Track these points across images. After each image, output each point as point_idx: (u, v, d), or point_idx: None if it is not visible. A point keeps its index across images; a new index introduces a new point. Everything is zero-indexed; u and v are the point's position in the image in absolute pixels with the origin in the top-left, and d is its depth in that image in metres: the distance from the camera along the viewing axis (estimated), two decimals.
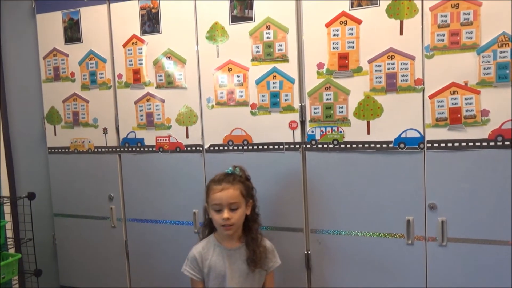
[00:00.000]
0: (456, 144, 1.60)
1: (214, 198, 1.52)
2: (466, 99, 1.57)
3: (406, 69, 1.63)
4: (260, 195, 1.85)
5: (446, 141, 1.61)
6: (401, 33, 1.62)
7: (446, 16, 1.56)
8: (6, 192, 2.33)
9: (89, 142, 2.20)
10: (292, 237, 1.86)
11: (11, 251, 2.17)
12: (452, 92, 1.58)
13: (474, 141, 1.57)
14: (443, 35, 1.57)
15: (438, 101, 1.60)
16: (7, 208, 2.20)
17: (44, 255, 2.33)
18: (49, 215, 2.36)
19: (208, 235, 1.65)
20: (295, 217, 1.85)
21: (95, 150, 2.19)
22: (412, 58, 1.62)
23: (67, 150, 2.26)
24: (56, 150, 2.29)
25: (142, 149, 2.09)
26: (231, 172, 1.59)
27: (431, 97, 1.61)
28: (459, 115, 1.58)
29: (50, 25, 2.21)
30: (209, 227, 1.66)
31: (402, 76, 1.64)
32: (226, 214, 1.50)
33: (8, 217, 2.20)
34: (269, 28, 1.80)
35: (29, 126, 2.36)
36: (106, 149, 2.17)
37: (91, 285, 2.30)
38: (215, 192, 1.52)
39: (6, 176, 2.33)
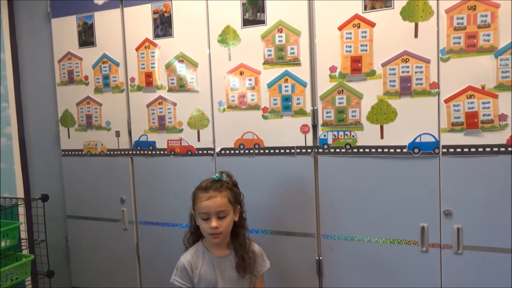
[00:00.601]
0: (473, 150, 1.55)
1: (201, 207, 1.48)
2: (483, 103, 1.53)
3: (421, 72, 1.60)
4: (271, 200, 1.85)
5: (462, 146, 1.57)
6: (416, 35, 1.59)
7: (462, 18, 1.53)
8: (20, 193, 2.37)
9: (102, 144, 2.22)
10: (304, 243, 1.84)
11: (25, 252, 2.20)
12: (468, 96, 1.54)
13: (491, 146, 1.53)
14: (460, 37, 1.53)
15: (454, 105, 1.56)
16: (21, 210, 2.23)
17: (57, 257, 2.35)
18: (62, 217, 2.38)
19: (195, 243, 1.62)
20: (307, 222, 1.83)
21: (108, 152, 2.21)
22: (427, 61, 1.59)
23: (80, 152, 2.28)
24: (70, 153, 2.31)
25: (153, 152, 2.10)
26: (218, 178, 1.54)
27: (446, 101, 1.57)
28: (475, 120, 1.54)
29: (65, 29, 2.24)
30: (195, 235, 1.61)
31: (417, 79, 1.60)
32: (214, 223, 1.46)
33: (22, 218, 2.23)
34: (281, 31, 1.79)
35: (44, 128, 2.39)
36: (119, 152, 2.18)
37: (102, 287, 2.31)
38: (202, 200, 1.48)
39: (21, 178, 2.37)
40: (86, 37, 2.20)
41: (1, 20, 2.31)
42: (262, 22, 1.82)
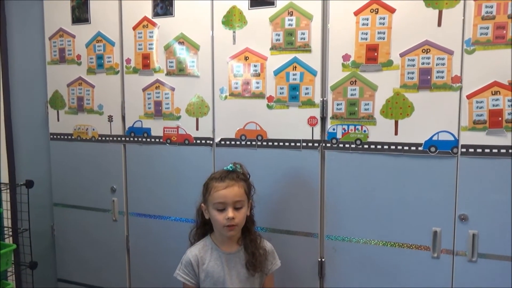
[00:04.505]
0: (495, 151, 1.44)
1: (218, 196, 1.42)
2: (509, 101, 1.41)
3: (443, 64, 1.47)
4: (273, 196, 1.75)
5: (483, 147, 1.45)
6: (439, 24, 1.47)
7: (491, 7, 1.40)
8: (5, 178, 2.23)
9: (93, 129, 2.09)
10: (306, 243, 1.73)
11: (8, 241, 2.07)
12: (493, 93, 1.42)
13: None
14: (487, 28, 1.41)
15: (477, 102, 1.44)
16: (6, 196, 2.09)
17: (43, 246, 2.24)
18: (48, 204, 2.26)
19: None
20: (310, 221, 1.72)
21: (99, 138, 2.08)
22: (450, 52, 1.46)
23: (70, 137, 2.15)
24: (59, 137, 2.18)
25: (148, 139, 1.97)
26: (232, 169, 1.49)
27: (469, 97, 1.45)
28: (500, 118, 1.42)
29: (57, 3, 2.09)
30: (202, 230, 1.56)
31: (438, 72, 1.48)
32: (230, 213, 1.41)
33: (6, 205, 2.09)
34: (291, 15, 1.66)
35: (32, 110, 2.26)
36: (111, 138, 2.05)
37: (89, 280, 2.20)
38: (218, 189, 1.42)
39: (6, 162, 2.23)
40: (80, 13, 2.05)
41: None
42: (271, 3, 1.69)
